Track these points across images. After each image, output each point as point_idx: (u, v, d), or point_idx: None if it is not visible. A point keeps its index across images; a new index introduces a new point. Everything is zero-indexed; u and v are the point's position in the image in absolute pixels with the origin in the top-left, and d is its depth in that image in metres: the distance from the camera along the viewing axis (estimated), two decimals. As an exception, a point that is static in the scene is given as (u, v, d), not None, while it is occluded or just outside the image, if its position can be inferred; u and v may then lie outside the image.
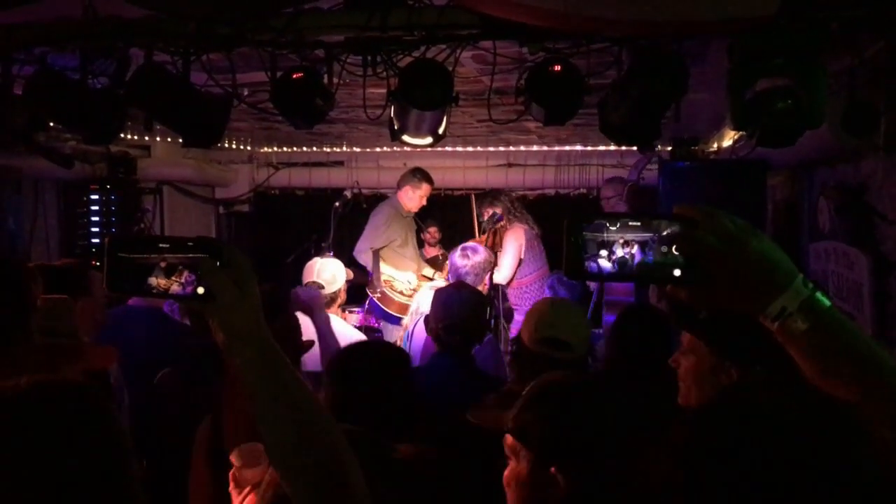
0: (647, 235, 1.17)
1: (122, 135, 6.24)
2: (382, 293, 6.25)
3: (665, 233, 1.17)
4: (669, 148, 5.61)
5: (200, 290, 1.31)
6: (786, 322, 1.11)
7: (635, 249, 1.18)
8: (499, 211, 6.27)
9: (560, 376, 1.81)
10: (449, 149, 7.57)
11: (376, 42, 3.05)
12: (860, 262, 3.84)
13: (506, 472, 1.69)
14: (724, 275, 1.13)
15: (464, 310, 3.23)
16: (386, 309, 6.23)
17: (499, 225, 6.21)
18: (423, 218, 7.22)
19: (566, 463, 1.60)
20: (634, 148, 3.59)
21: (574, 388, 1.74)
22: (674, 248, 1.16)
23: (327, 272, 4.32)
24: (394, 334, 6.28)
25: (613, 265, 1.19)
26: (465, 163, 7.87)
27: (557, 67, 2.91)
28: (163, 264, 1.34)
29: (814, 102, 2.76)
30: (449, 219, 8.03)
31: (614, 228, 1.19)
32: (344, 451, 1.31)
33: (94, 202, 6.91)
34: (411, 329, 4.17)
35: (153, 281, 1.34)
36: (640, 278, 1.21)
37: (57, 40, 3.24)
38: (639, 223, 1.18)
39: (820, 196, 4.50)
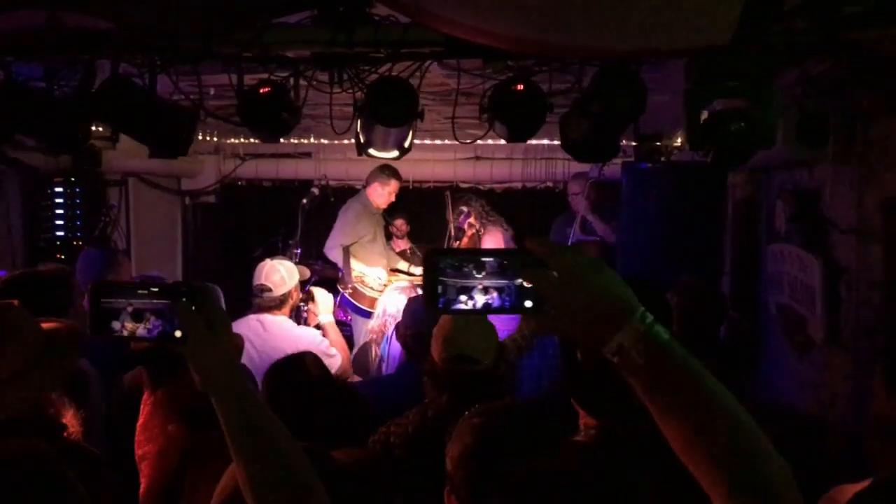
0: (504, 283, 1.25)
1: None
2: (354, 289, 6.31)
3: (515, 269, 1.24)
4: (633, 143, 5.69)
5: (178, 334, 1.39)
6: (624, 358, 1.15)
7: (494, 294, 1.26)
8: (464, 209, 6.33)
9: (480, 412, 1.90)
10: (417, 142, 7.56)
11: (343, 58, 3.09)
12: (813, 266, 3.95)
13: None
14: (564, 308, 1.18)
15: (432, 319, 3.29)
16: (358, 304, 6.29)
17: (469, 228, 6.25)
18: (390, 211, 7.25)
19: (456, 489, 1.71)
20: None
21: (488, 422, 1.83)
22: (523, 281, 1.23)
23: (276, 274, 4.27)
24: (363, 329, 6.35)
25: (473, 306, 1.27)
26: (433, 156, 7.88)
27: (520, 86, 2.97)
28: (130, 309, 1.41)
29: (767, 123, 2.86)
30: (417, 212, 8.07)
31: (478, 276, 1.26)
32: (315, 483, 1.38)
33: (59, 195, 6.83)
34: (389, 334, 4.22)
35: (126, 325, 1.42)
36: (499, 312, 1.28)
37: (22, 51, 3.24)
38: (495, 263, 1.25)
39: (777, 199, 4.62)
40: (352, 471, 1.90)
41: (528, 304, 1.24)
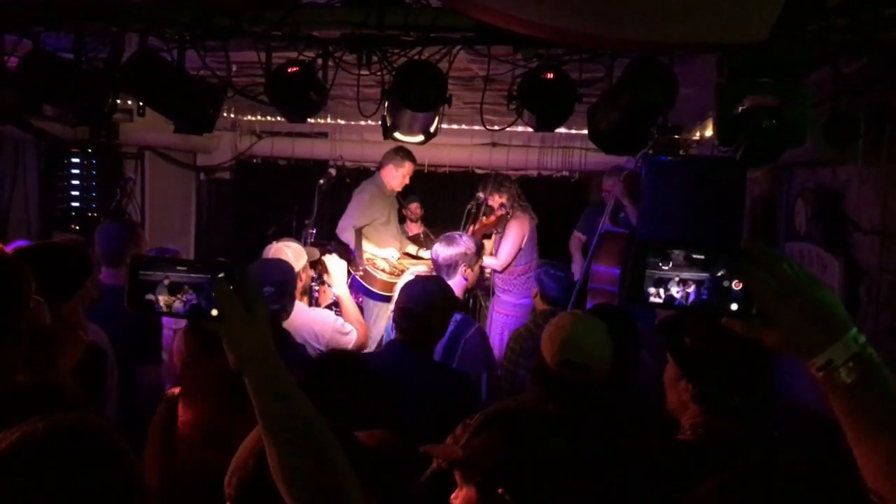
0: (704, 275, 1.24)
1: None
2: (365, 271, 6.29)
3: (722, 271, 1.23)
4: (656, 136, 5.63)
5: (214, 312, 1.38)
6: (831, 374, 1.14)
7: (691, 288, 1.24)
8: (481, 195, 6.31)
9: (510, 403, 1.87)
10: (433, 126, 7.55)
11: (372, 40, 3.08)
12: (833, 266, 3.95)
13: (456, 500, 1.75)
14: (777, 318, 1.17)
15: (421, 299, 3.25)
16: (369, 287, 6.27)
17: (500, 209, 6.22)
18: (404, 194, 7.24)
19: (513, 485, 1.65)
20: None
21: (522, 415, 1.80)
22: (734, 282, 1.22)
23: (282, 256, 4.26)
24: (374, 311, 6.36)
25: (665, 300, 1.26)
26: (449, 140, 7.85)
27: (550, 74, 2.96)
28: (166, 282, 1.41)
29: (797, 122, 2.84)
30: (431, 196, 8.05)
31: (668, 268, 1.25)
32: (343, 463, 1.39)
33: (75, 166, 6.84)
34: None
35: (161, 298, 1.41)
36: (697, 310, 1.26)
37: (51, 21, 3.23)
38: (701, 257, 1.24)
39: (798, 197, 4.60)
40: (374, 452, 1.90)
41: (734, 307, 1.22)
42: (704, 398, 2.02)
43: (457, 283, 4.37)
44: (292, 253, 4.27)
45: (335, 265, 4.58)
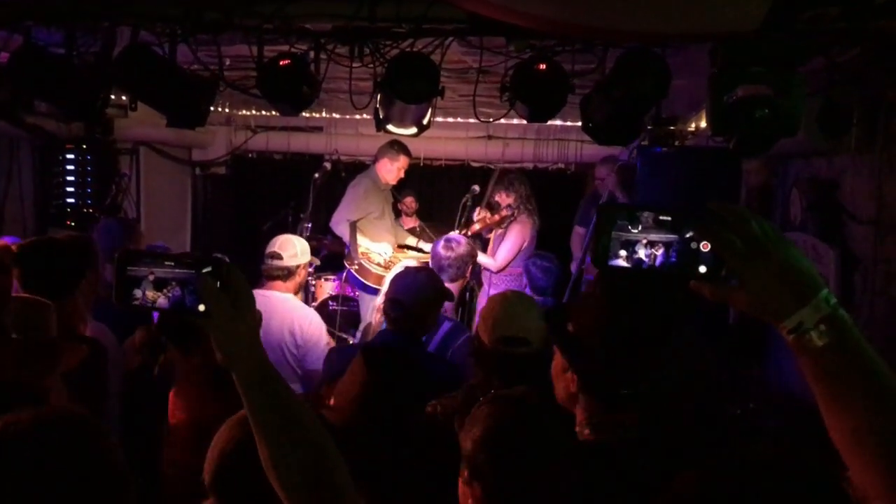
0: (672, 237, 1.18)
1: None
2: (360, 265, 6.27)
3: (690, 232, 1.17)
4: (649, 127, 5.61)
5: (201, 308, 1.37)
6: (802, 336, 1.09)
7: (660, 251, 1.19)
8: (477, 188, 6.29)
9: (515, 390, 1.85)
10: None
11: (364, 32, 3.07)
12: (828, 256, 3.94)
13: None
14: (745, 280, 1.12)
15: (411, 290, 3.24)
16: (364, 281, 6.26)
17: (506, 209, 6.18)
18: (399, 188, 7.22)
19: (479, 472, 1.64)
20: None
21: (510, 403, 1.76)
22: (702, 244, 1.17)
23: (290, 247, 4.27)
24: (369, 305, 6.34)
25: (633, 263, 1.20)
26: (445, 133, 7.83)
27: (542, 66, 2.95)
28: (152, 277, 1.40)
29: (791, 111, 2.83)
30: (427, 189, 8.03)
31: (636, 230, 1.20)
32: (335, 455, 1.39)
33: (70, 162, 6.81)
34: None
35: (147, 293, 1.41)
36: (666, 274, 1.20)
37: (42, 15, 3.22)
38: (669, 219, 1.18)
39: (793, 187, 4.59)
40: (342, 430, 1.90)
41: (703, 269, 1.17)
42: (591, 388, 1.90)
43: (460, 283, 4.37)
44: (300, 246, 4.30)
45: None
